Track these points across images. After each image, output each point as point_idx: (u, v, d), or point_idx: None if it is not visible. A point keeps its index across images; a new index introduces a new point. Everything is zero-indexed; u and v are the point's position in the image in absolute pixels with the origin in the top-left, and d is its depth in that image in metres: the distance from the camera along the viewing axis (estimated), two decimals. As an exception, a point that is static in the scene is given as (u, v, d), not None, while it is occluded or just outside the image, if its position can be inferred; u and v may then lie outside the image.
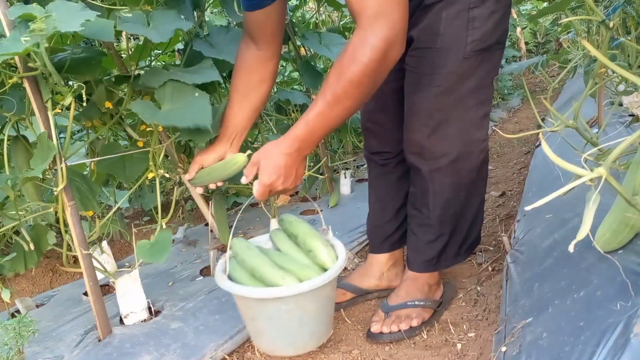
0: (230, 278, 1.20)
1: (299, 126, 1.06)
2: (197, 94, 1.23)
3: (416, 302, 1.30)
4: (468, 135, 1.20)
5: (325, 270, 1.17)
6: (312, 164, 2.12)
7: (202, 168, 1.30)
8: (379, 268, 1.48)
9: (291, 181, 1.10)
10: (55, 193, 1.14)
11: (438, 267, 1.34)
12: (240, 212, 1.34)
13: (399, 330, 1.24)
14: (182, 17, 1.32)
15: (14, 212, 1.27)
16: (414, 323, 1.25)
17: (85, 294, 1.52)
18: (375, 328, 1.27)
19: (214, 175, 1.28)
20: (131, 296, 1.30)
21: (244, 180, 1.13)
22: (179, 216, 2.68)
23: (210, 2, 1.66)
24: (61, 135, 1.66)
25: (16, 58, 1.08)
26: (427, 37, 1.15)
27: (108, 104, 1.38)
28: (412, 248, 1.35)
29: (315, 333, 1.22)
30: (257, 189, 1.09)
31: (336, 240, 1.28)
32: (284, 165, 1.07)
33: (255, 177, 1.12)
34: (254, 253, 1.21)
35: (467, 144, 1.21)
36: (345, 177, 2.32)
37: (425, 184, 1.25)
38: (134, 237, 1.42)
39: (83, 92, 1.12)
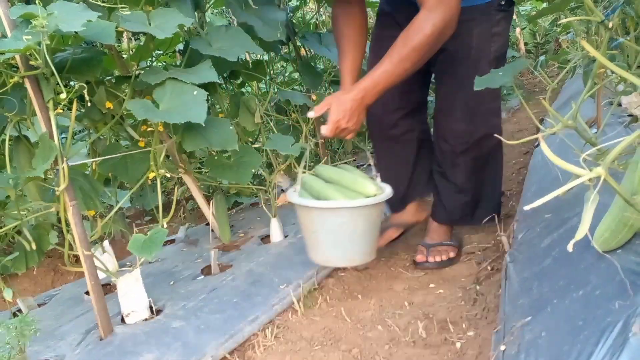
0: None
1: (367, 80, 1.36)
2: (195, 93, 1.24)
3: (449, 242, 1.68)
4: (489, 121, 1.55)
5: None
6: (312, 164, 2.12)
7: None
8: (407, 214, 1.80)
9: (353, 123, 1.39)
10: (57, 193, 1.15)
11: (459, 223, 1.75)
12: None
13: (441, 260, 1.62)
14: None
15: (16, 212, 1.28)
16: (451, 255, 1.65)
17: (87, 293, 1.52)
18: (419, 258, 1.64)
19: (339, 180, 1.46)
20: (132, 295, 1.30)
21: (311, 114, 1.46)
22: (180, 216, 2.68)
23: (211, 2, 1.66)
24: (62, 135, 1.67)
25: (17, 57, 1.08)
26: (462, 49, 1.47)
27: (109, 105, 1.38)
28: (441, 208, 1.69)
29: (362, 250, 1.42)
30: (326, 127, 1.38)
31: (385, 184, 1.51)
32: (350, 108, 1.36)
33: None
34: (321, 181, 1.47)
35: (489, 127, 1.53)
36: (346, 177, 2.32)
37: (456, 159, 1.59)
38: (135, 236, 1.42)
39: (85, 92, 1.12)
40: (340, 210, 1.34)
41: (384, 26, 1.66)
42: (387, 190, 1.45)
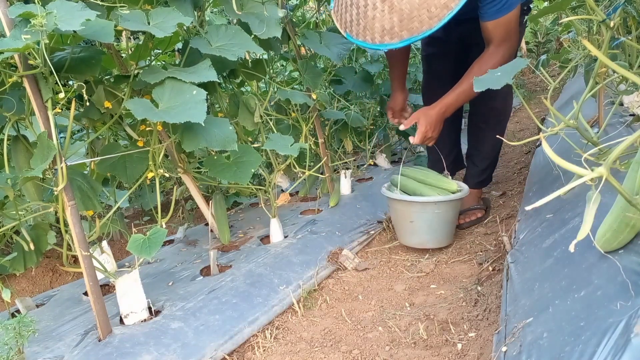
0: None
1: (449, 97, 1.71)
2: (195, 92, 1.23)
3: (476, 206, 2.10)
4: (509, 101, 2.07)
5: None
6: (312, 163, 2.12)
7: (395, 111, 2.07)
8: None
9: (436, 132, 1.76)
10: (55, 193, 1.14)
11: (482, 185, 2.20)
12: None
13: (471, 220, 2.04)
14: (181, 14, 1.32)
15: (15, 212, 1.27)
16: (479, 215, 2.07)
17: (86, 293, 1.52)
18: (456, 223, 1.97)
19: (424, 180, 1.86)
20: (131, 296, 1.30)
21: (402, 127, 1.81)
22: (179, 216, 2.68)
23: (210, 1, 1.66)
24: (61, 135, 1.66)
25: (16, 57, 1.08)
26: None
27: (108, 104, 1.38)
28: (471, 174, 2.17)
29: (447, 235, 1.83)
30: (417, 136, 1.73)
31: (456, 181, 1.90)
32: (435, 121, 1.72)
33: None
34: (412, 180, 1.87)
35: (509, 106, 2.10)
36: (345, 177, 2.32)
37: (485, 133, 2.06)
38: (134, 236, 1.41)
39: (83, 91, 1.12)
40: (439, 203, 1.75)
41: (432, 63, 2.15)
42: (465, 187, 1.86)
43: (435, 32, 2.09)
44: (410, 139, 1.76)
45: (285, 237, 1.85)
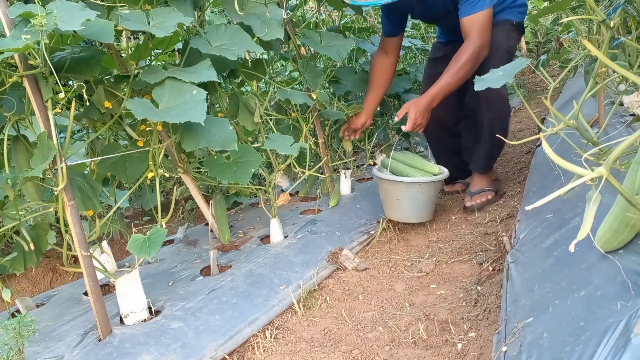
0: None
1: (434, 89, 1.95)
2: (195, 92, 1.23)
3: (487, 188, 2.22)
4: (506, 90, 2.14)
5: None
6: (312, 163, 2.12)
7: (348, 127, 2.29)
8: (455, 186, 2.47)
9: (425, 120, 1.99)
10: (56, 193, 1.14)
11: (489, 167, 2.28)
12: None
13: (482, 201, 2.17)
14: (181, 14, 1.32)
15: (15, 212, 1.27)
16: (489, 197, 2.19)
17: (86, 293, 1.52)
18: (468, 204, 2.18)
19: (411, 163, 2.04)
20: (131, 296, 1.30)
21: (396, 119, 2.04)
22: (179, 216, 2.68)
23: (210, 1, 1.66)
24: (61, 135, 1.66)
25: (16, 57, 1.08)
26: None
27: (108, 104, 1.38)
28: (477, 155, 2.24)
29: (429, 212, 2.07)
30: (408, 124, 1.94)
31: (440, 166, 2.10)
32: (424, 109, 1.95)
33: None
34: (400, 163, 2.05)
35: (506, 94, 2.13)
36: (345, 177, 2.31)
37: (486, 116, 2.10)
38: (134, 236, 1.41)
39: (83, 91, 1.12)
40: (422, 184, 1.97)
41: (435, 67, 2.25)
42: (445, 171, 2.07)
43: (450, 34, 2.18)
44: (402, 127, 1.97)
45: (285, 237, 1.85)
